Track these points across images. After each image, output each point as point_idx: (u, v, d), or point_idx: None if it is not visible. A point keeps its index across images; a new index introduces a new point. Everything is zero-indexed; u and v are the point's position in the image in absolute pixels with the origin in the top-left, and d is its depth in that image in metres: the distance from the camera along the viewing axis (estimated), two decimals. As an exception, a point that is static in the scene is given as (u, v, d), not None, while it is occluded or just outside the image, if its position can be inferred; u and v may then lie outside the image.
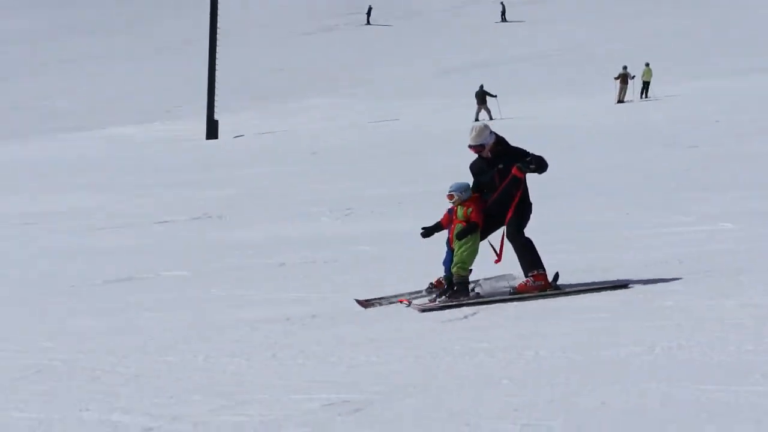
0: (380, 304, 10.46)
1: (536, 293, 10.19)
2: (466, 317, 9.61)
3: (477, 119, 43.52)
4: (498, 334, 8.72)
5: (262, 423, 6.71)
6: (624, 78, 46.22)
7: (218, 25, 47.87)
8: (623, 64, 46.88)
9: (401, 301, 10.41)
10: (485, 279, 10.74)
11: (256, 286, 12.40)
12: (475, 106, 44.45)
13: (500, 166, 10.41)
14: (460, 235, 10.29)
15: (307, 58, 65.90)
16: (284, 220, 19.30)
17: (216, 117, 45.81)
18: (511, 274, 10.76)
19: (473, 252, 10.33)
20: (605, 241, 13.90)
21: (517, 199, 10.30)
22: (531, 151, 10.44)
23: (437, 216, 10.86)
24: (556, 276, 10.40)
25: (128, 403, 7.48)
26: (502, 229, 10.50)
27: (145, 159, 35.04)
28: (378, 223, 17.97)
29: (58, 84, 61.58)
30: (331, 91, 55.86)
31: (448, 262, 10.41)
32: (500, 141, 10.53)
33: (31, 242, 18.45)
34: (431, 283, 10.66)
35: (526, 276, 10.33)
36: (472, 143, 10.50)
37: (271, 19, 78.03)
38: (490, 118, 43.41)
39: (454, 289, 10.32)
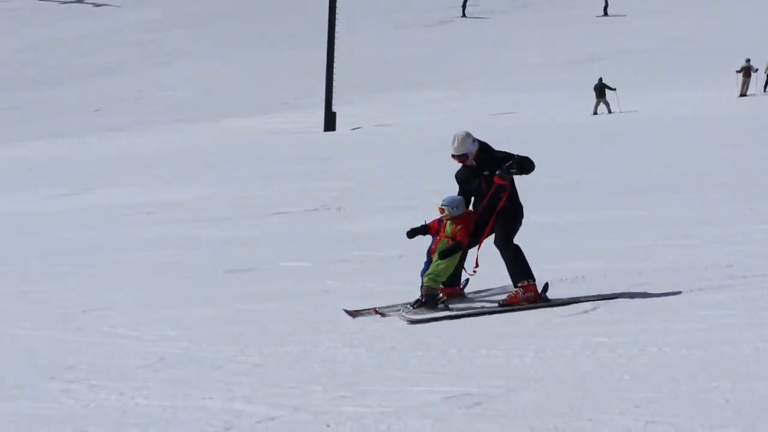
0: (369, 314, 10.12)
1: (526, 305, 9.85)
2: (586, 312, 9.52)
3: (595, 113, 43.04)
4: (619, 329, 8.62)
5: (382, 414, 6.74)
6: (747, 71, 45.26)
7: (337, 16, 48.14)
8: (746, 57, 45.88)
9: (372, 311, 10.09)
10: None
11: (374, 278, 12.45)
12: (594, 100, 43.99)
13: (485, 173, 10.09)
14: (443, 254, 10.03)
15: (425, 50, 65.92)
16: (401, 212, 19.33)
17: (334, 109, 46.10)
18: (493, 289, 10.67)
19: (449, 268, 10.03)
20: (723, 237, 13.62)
21: (500, 205, 9.96)
22: (516, 154, 10.10)
23: (559, 208, 10.78)
24: (546, 287, 10.07)
25: (250, 393, 7.58)
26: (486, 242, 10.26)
27: (264, 150, 35.39)
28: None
29: (180, 75, 62.54)
30: (447, 83, 55.79)
31: (425, 273, 10.13)
32: (484, 148, 10.20)
33: (153, 232, 18.78)
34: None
35: (515, 286, 10.00)
36: (455, 153, 10.16)
37: (390, 11, 78.21)
38: (609, 112, 42.89)
39: (422, 301, 10.00)
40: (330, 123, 45.74)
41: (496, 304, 10.02)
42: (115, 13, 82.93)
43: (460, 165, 10.28)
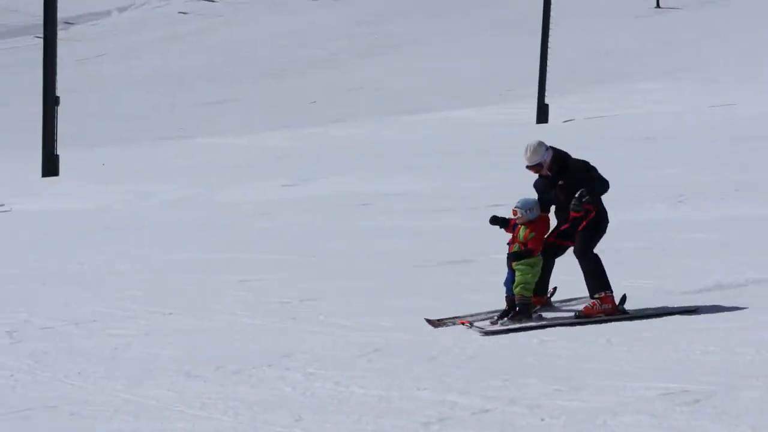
0: (453, 323, 9.83)
1: (603, 317, 9.52)
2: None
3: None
4: None
5: (597, 409, 6.66)
6: None
7: (552, 7, 47.74)
8: None
9: (462, 323, 9.77)
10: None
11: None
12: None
13: (560, 182, 9.77)
14: (513, 257, 9.75)
15: (638, 41, 64.72)
16: (615, 205, 18.97)
17: (546, 101, 45.76)
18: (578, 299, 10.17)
19: (536, 275, 9.71)
20: None
21: (590, 218, 9.62)
22: (592, 166, 9.74)
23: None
24: (624, 299, 9.68)
25: (464, 384, 7.60)
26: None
27: (480, 142, 35.39)
28: (714, 210, 17.42)
29: (397, 66, 63.14)
30: (663, 74, 54.63)
31: (509, 282, 9.83)
32: (558, 157, 9.85)
33: (369, 223, 19.00)
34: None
35: (592, 297, 9.67)
36: (529, 163, 9.88)
37: (604, 1, 77.07)
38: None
39: (516, 310, 9.69)
40: (543, 115, 45.42)
41: (573, 315, 9.70)
42: (333, 6, 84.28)
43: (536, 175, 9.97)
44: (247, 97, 59.63)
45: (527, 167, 9.93)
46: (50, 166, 37.06)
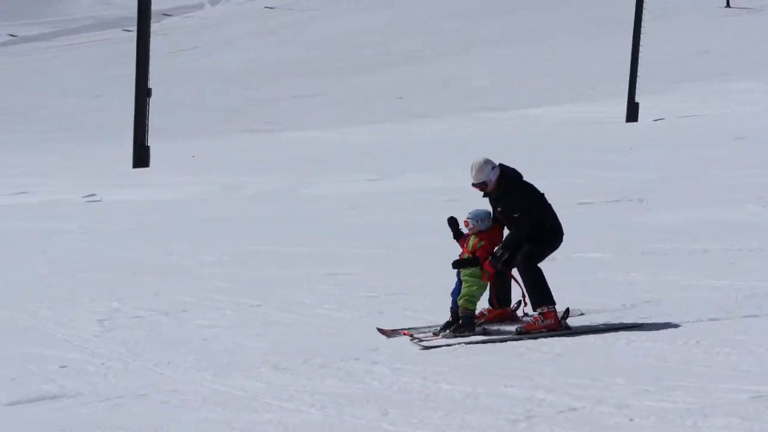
0: (399, 335, 9.57)
1: (545, 332, 9.16)
2: None
3: None
4: None
5: (687, 410, 6.59)
6: None
7: (644, 4, 47.20)
8: None
9: (404, 333, 9.56)
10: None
11: (678, 272, 12.15)
12: None
13: (498, 209, 9.48)
14: (456, 264, 9.47)
15: (731, 40, 63.83)
16: (705, 205, 18.78)
17: (637, 99, 45.30)
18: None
19: (483, 287, 9.45)
20: None
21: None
22: (521, 198, 9.38)
23: None
24: (567, 312, 9.38)
25: (551, 382, 7.56)
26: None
27: (565, 139, 35.17)
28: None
29: (483, 63, 63.03)
30: (757, 74, 53.80)
31: (456, 293, 9.53)
32: (504, 179, 9.49)
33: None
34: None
35: (534, 311, 9.33)
36: (474, 181, 9.54)
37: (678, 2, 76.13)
38: None
39: (459, 323, 9.41)
40: (632, 113, 44.96)
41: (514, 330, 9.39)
42: (423, 1, 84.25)
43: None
44: (335, 91, 59.90)
45: (472, 185, 9.60)
46: (141, 157, 37.57)
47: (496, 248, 9.35)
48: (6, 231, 20.04)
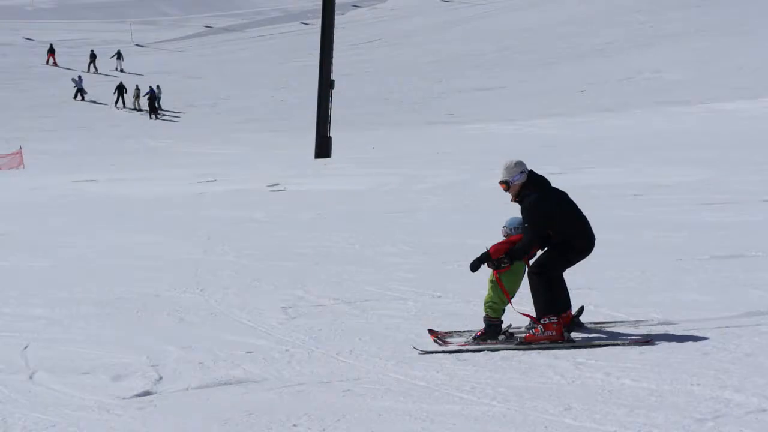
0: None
1: (547, 344, 8.92)
2: None
3: None
4: None
5: None
6: None
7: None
8: None
9: (432, 338, 9.40)
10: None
11: None
12: None
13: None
14: (472, 263, 9.27)
15: None
16: None
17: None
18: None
19: (507, 291, 9.21)
20: None
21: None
22: (532, 210, 9.11)
23: None
24: (580, 311, 9.39)
25: (740, 382, 7.38)
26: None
27: (758, 135, 34.22)
28: None
29: (670, 57, 61.76)
30: None
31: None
32: (527, 187, 9.31)
33: (639, 214, 18.66)
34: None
35: (538, 321, 9.09)
36: (500, 179, 9.41)
37: None
38: None
39: (483, 330, 9.28)
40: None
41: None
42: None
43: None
44: (516, 84, 59.58)
45: (499, 182, 9.49)
46: (323, 147, 38.14)
47: (502, 257, 9.24)
48: (196, 219, 20.59)
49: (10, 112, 59.63)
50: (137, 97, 62.63)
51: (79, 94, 63.52)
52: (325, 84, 38.00)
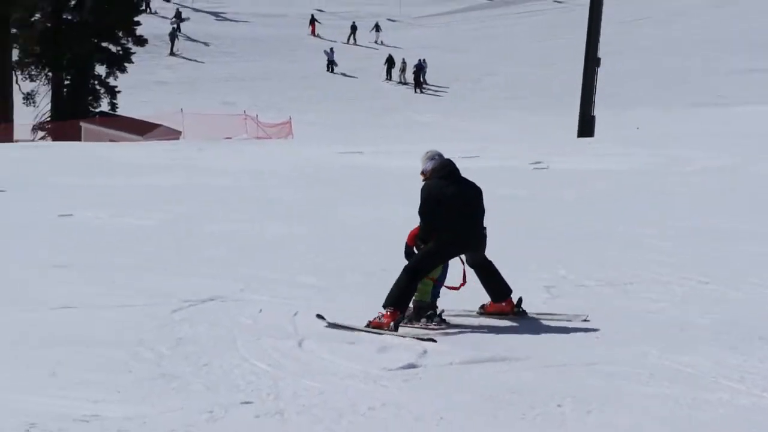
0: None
1: (371, 330, 9.14)
2: None
3: None
4: None
5: None
6: None
7: None
8: None
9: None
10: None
11: None
12: None
13: None
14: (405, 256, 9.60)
15: None
16: None
17: None
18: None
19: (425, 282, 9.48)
20: None
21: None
22: (422, 199, 9.39)
23: None
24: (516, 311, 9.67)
25: None
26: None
27: None
28: None
29: None
30: None
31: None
32: (435, 171, 9.54)
33: None
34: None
35: (383, 307, 9.27)
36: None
37: None
38: None
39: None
40: None
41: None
42: None
43: None
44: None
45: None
46: (586, 126, 37.80)
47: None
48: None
49: (282, 83, 61.63)
50: (403, 70, 63.57)
51: (330, 66, 65.04)
52: (591, 62, 37.56)
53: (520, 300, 9.81)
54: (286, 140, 43.89)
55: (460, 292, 9.70)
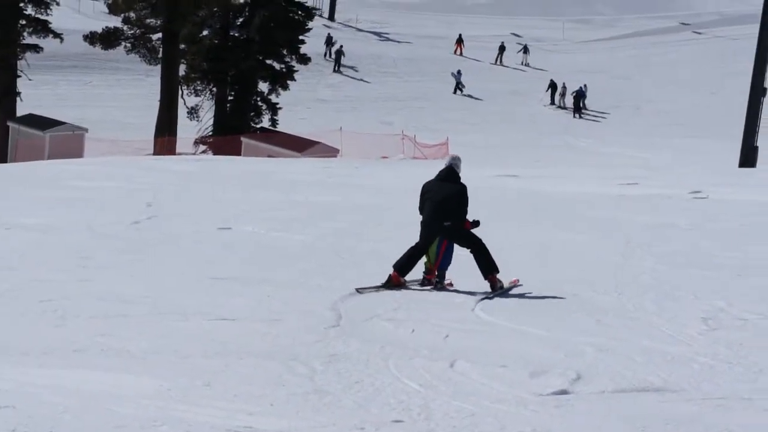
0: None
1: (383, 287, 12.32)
2: None
3: None
4: None
5: None
6: None
7: None
8: None
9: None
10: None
11: None
12: None
13: None
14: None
15: None
16: None
17: None
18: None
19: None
20: None
21: None
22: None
23: None
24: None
25: None
26: None
27: None
28: None
29: None
30: None
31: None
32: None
33: None
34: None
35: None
36: None
37: None
38: None
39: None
40: None
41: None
42: None
43: None
44: None
45: None
46: (748, 156, 36.95)
47: None
48: (616, 221, 20.49)
49: (439, 104, 61.85)
50: (563, 95, 63.19)
51: (457, 88, 64.97)
52: (757, 91, 36.73)
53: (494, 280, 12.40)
54: (442, 160, 43.99)
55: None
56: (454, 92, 65.14)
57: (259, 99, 52.42)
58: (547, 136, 52.99)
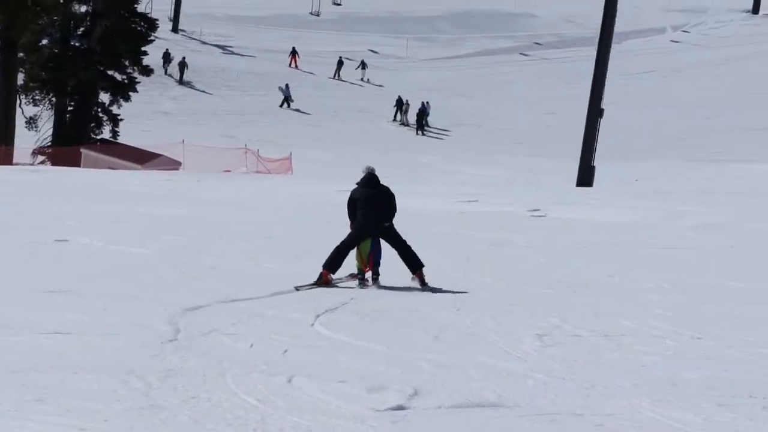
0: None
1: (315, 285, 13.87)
2: None
3: None
4: None
5: None
6: None
7: None
8: None
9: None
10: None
11: None
12: None
13: None
14: None
15: None
16: None
17: None
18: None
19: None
20: None
21: None
22: None
23: None
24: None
25: None
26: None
27: None
28: None
29: None
30: None
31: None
32: (360, 181, 14.45)
33: None
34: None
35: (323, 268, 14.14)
36: None
37: None
38: None
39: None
40: None
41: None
42: None
43: None
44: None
45: None
46: (585, 176, 37.86)
47: None
48: (457, 238, 20.76)
49: (282, 118, 61.79)
50: (406, 111, 63.78)
51: (285, 102, 65.32)
52: (595, 112, 37.68)
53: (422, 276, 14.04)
54: (285, 175, 43.93)
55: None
56: (281, 106, 65.17)
57: (99, 110, 51.58)
58: (390, 153, 53.39)
